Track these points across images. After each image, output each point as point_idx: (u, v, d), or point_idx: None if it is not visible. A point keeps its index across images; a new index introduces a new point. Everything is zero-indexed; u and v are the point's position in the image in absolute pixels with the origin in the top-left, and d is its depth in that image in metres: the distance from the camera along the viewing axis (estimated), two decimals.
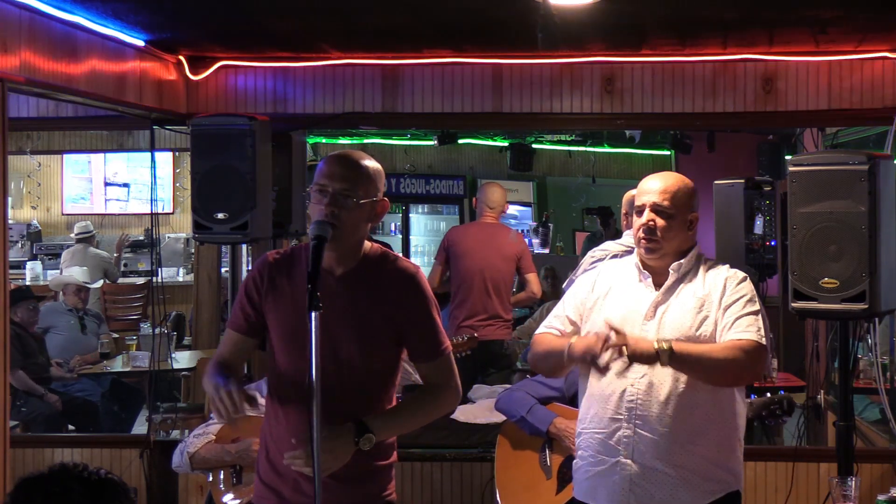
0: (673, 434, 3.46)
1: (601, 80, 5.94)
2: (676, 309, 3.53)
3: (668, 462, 3.46)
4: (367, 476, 3.18)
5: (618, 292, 3.62)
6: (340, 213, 3.05)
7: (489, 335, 7.02)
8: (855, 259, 4.53)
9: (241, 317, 3.23)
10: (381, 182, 3.18)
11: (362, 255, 3.19)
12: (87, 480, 2.10)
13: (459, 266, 7.22)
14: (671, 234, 3.54)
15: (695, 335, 3.48)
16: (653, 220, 3.53)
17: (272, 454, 3.21)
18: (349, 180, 3.08)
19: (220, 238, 5.59)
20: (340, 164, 3.12)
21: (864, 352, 6.09)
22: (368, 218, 3.15)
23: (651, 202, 3.54)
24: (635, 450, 3.47)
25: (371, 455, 3.12)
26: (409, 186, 13.13)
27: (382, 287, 3.15)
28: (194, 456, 4.38)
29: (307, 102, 6.08)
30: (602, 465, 3.54)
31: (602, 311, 3.60)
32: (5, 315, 4.44)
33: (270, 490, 3.22)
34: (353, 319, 3.12)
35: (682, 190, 3.56)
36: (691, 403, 3.46)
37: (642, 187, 3.60)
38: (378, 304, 3.14)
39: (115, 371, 7.99)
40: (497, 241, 7.29)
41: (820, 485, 5.54)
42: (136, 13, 5.03)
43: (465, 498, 5.90)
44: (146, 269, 12.05)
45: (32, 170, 12.85)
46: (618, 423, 3.50)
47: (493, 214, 7.38)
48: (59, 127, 7.68)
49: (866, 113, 5.77)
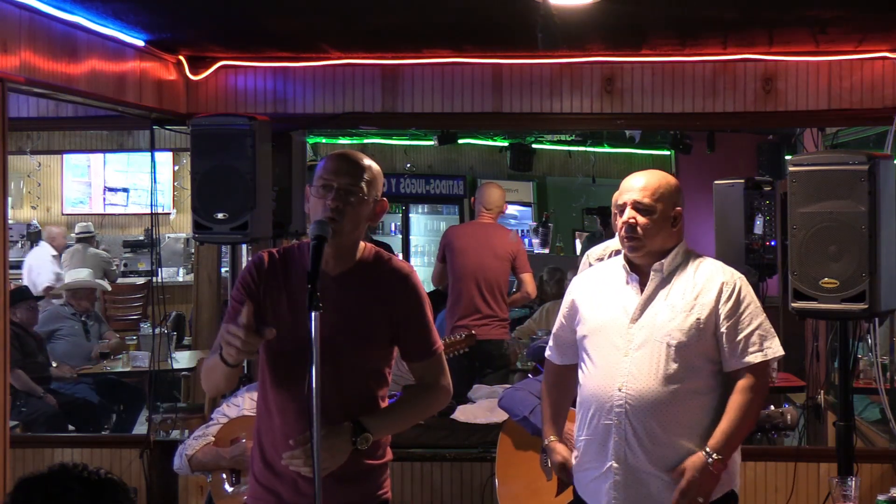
0: (665, 438, 3.44)
1: (601, 80, 5.94)
2: (665, 311, 3.49)
3: (661, 466, 3.45)
4: (363, 475, 3.19)
5: (605, 295, 3.61)
6: (345, 208, 3.08)
7: (484, 335, 6.96)
8: (855, 259, 4.53)
9: (240, 311, 3.15)
10: (381, 183, 3.20)
11: (358, 257, 3.20)
12: (87, 480, 2.11)
13: (454, 265, 7.24)
14: (653, 230, 3.51)
15: (683, 340, 3.45)
16: (633, 218, 3.51)
17: (268, 455, 3.20)
18: (353, 176, 3.11)
19: (220, 238, 5.59)
20: (345, 160, 3.15)
21: (864, 352, 6.08)
22: (369, 217, 3.18)
23: (632, 200, 3.52)
24: (627, 454, 3.46)
25: (366, 454, 3.13)
26: (409, 186, 13.12)
27: (377, 287, 3.17)
28: (192, 458, 4.38)
29: (307, 102, 6.09)
30: (596, 469, 3.53)
31: (588, 314, 3.60)
32: (5, 315, 4.44)
33: (268, 491, 3.21)
34: (347, 319, 3.12)
35: (662, 186, 3.54)
36: (682, 408, 3.45)
37: (624, 185, 3.58)
38: (373, 303, 3.16)
39: (115, 371, 7.98)
40: (492, 240, 7.29)
41: (820, 485, 5.54)
42: (136, 13, 5.03)
43: (465, 498, 5.90)
44: (146, 269, 12.05)
45: (32, 170, 12.85)
46: (608, 429, 3.48)
47: (491, 215, 7.37)
48: (59, 127, 7.68)
49: (866, 113, 5.77)
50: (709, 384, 3.49)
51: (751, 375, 3.47)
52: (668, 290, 3.52)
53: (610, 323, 3.52)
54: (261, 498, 3.23)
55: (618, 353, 3.49)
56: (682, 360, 3.44)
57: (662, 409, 3.43)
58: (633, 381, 3.45)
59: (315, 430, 2.86)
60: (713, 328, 3.47)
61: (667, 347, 3.44)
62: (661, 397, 3.43)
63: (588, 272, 3.83)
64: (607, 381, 3.48)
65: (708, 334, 3.47)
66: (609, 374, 3.48)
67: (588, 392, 3.56)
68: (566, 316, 3.72)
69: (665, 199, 3.52)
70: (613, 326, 3.51)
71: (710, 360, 3.49)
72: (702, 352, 3.47)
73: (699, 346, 3.46)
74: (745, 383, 3.46)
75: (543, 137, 11.85)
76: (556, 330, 3.78)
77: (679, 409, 3.44)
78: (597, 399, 3.51)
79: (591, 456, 3.55)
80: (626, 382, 3.45)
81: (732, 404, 3.46)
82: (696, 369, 3.47)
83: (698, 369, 3.47)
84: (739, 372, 3.48)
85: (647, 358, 3.45)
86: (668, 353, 3.44)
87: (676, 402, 3.44)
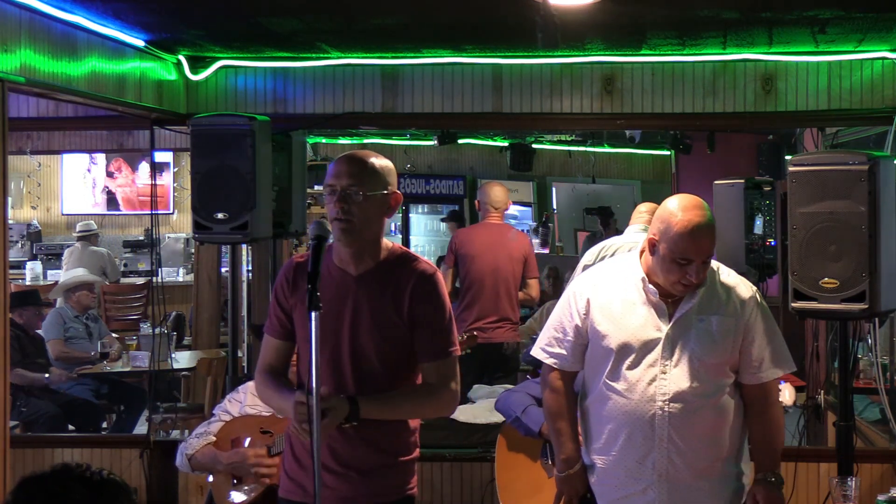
0: (705, 450, 3.49)
1: (601, 80, 5.94)
2: (697, 326, 3.48)
3: (701, 477, 3.49)
4: (389, 470, 3.26)
5: (627, 308, 3.53)
6: (350, 207, 3.14)
7: (498, 337, 7.00)
8: (855, 259, 4.53)
9: (276, 322, 3.34)
10: (390, 176, 3.24)
11: (382, 256, 3.25)
12: (88, 480, 2.10)
13: (470, 268, 7.16)
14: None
15: (717, 354, 3.48)
16: (700, 273, 3.45)
17: (297, 450, 3.31)
18: (354, 176, 3.16)
19: (220, 238, 5.59)
20: (345, 162, 3.21)
21: (864, 352, 6.08)
22: (382, 212, 3.23)
23: (702, 259, 3.43)
24: (670, 470, 3.47)
25: (393, 451, 3.24)
26: (409, 186, 13.11)
27: (399, 285, 3.22)
28: (192, 458, 4.37)
29: (307, 102, 6.09)
30: (631, 487, 3.52)
31: (611, 328, 3.52)
32: (5, 315, 4.44)
33: (296, 484, 3.31)
34: (370, 318, 3.18)
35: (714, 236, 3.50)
36: (719, 419, 3.50)
37: (692, 245, 3.40)
38: (394, 301, 3.21)
39: (115, 371, 7.97)
40: (506, 242, 7.26)
41: (820, 485, 5.54)
42: (136, 13, 5.03)
43: (465, 498, 5.90)
44: (146, 269, 12.05)
45: (32, 170, 12.85)
46: (650, 446, 3.47)
47: (499, 214, 7.32)
48: (59, 127, 7.68)
49: (866, 113, 5.78)
50: (732, 391, 3.55)
51: (770, 387, 3.56)
52: (696, 301, 3.49)
53: (640, 338, 3.49)
54: (290, 491, 3.34)
55: (654, 370, 3.47)
56: (714, 374, 3.49)
57: (702, 422, 3.47)
58: (675, 396, 3.45)
59: (315, 431, 2.92)
60: (740, 342, 3.50)
61: (705, 361, 3.47)
62: (702, 410, 3.46)
63: (597, 276, 3.68)
64: (646, 397, 3.47)
65: (736, 348, 3.50)
66: (647, 390, 3.47)
67: (623, 409, 3.50)
68: (583, 320, 3.59)
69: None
70: (644, 342, 3.49)
71: (734, 370, 3.54)
72: (731, 364, 3.52)
73: (730, 359, 3.51)
74: (772, 396, 3.56)
75: (543, 137, 11.84)
76: (567, 335, 3.63)
77: (718, 419, 3.50)
78: (634, 416, 3.48)
79: (621, 474, 3.53)
80: (668, 398, 3.45)
81: (771, 420, 3.54)
82: (725, 381, 3.51)
83: (726, 381, 3.52)
84: (764, 385, 3.53)
85: (686, 372, 3.46)
86: (708, 365, 3.47)
87: (716, 412, 3.49)
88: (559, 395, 3.67)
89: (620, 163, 13.37)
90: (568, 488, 3.67)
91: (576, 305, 3.62)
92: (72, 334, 8.34)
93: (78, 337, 8.39)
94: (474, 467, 5.86)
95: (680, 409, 3.45)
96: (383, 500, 3.26)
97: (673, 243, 3.40)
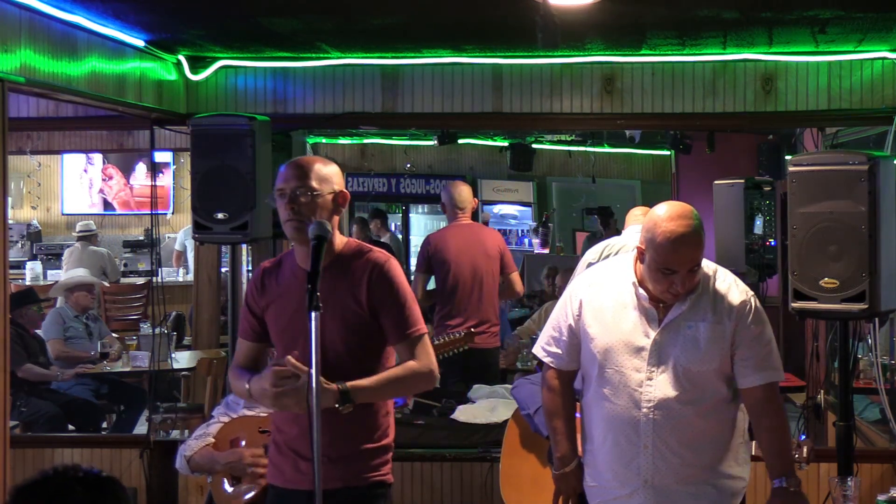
0: (691, 457, 3.48)
1: (601, 80, 5.94)
2: (685, 330, 3.47)
3: (688, 483, 3.49)
4: (358, 457, 3.37)
5: (618, 311, 3.53)
6: (300, 208, 3.32)
7: (482, 343, 6.64)
8: (855, 259, 4.53)
9: (248, 326, 3.54)
10: (335, 177, 3.41)
11: (338, 250, 3.39)
12: (86, 480, 2.10)
13: (447, 273, 6.92)
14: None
15: (707, 359, 3.46)
16: (687, 281, 3.43)
17: (275, 436, 3.51)
18: (299, 178, 3.35)
19: (220, 238, 5.59)
20: (291, 167, 3.40)
21: (864, 352, 6.08)
22: (332, 210, 3.38)
23: (688, 269, 3.41)
24: (656, 475, 3.47)
25: (362, 437, 3.36)
26: (409, 186, 13.12)
27: (356, 276, 3.36)
28: (191, 460, 4.37)
29: (307, 102, 6.09)
30: (620, 491, 3.53)
31: (600, 332, 3.53)
32: (5, 315, 4.44)
33: (277, 469, 3.50)
34: (333, 310, 3.27)
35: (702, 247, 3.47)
36: (708, 424, 3.49)
37: (674, 256, 3.38)
38: (352, 292, 3.35)
39: (115, 371, 7.97)
40: (480, 241, 7.03)
41: (820, 485, 5.54)
42: (136, 13, 5.03)
43: (465, 498, 5.90)
44: (146, 269, 12.05)
45: (32, 170, 12.85)
46: (636, 451, 3.48)
47: (466, 215, 7.08)
48: (59, 127, 7.67)
49: (866, 113, 5.78)
50: (727, 397, 3.53)
51: (771, 389, 3.51)
52: (686, 307, 3.48)
53: (628, 343, 3.49)
54: (272, 475, 3.53)
55: (640, 375, 3.47)
56: (701, 382, 3.46)
57: (689, 427, 3.46)
58: (660, 403, 3.44)
59: (315, 430, 3.01)
60: (733, 346, 3.48)
61: (689, 368, 3.45)
62: (687, 417, 3.45)
63: (593, 277, 3.69)
64: (631, 403, 3.47)
65: (728, 352, 3.48)
66: (633, 396, 3.47)
67: (609, 413, 3.52)
68: (576, 321, 3.61)
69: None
70: (632, 347, 3.48)
71: (728, 376, 3.51)
72: (723, 370, 3.49)
73: (721, 364, 3.48)
74: (774, 399, 3.52)
75: (543, 137, 11.85)
76: (562, 335, 3.65)
77: (705, 426, 3.48)
78: (620, 421, 3.49)
79: (611, 476, 3.54)
80: (653, 405, 3.45)
81: (770, 424, 3.50)
82: (718, 386, 3.49)
83: (719, 386, 3.50)
84: (763, 388, 3.50)
85: (671, 379, 3.45)
86: (692, 373, 3.45)
87: (702, 419, 3.48)
88: (555, 395, 3.68)
89: (620, 163, 13.37)
90: (564, 486, 3.69)
91: (570, 305, 3.63)
92: (72, 334, 8.34)
93: (78, 337, 8.38)
94: (474, 467, 5.85)
95: (664, 416, 3.44)
96: (355, 484, 3.36)
97: (657, 254, 3.39)
